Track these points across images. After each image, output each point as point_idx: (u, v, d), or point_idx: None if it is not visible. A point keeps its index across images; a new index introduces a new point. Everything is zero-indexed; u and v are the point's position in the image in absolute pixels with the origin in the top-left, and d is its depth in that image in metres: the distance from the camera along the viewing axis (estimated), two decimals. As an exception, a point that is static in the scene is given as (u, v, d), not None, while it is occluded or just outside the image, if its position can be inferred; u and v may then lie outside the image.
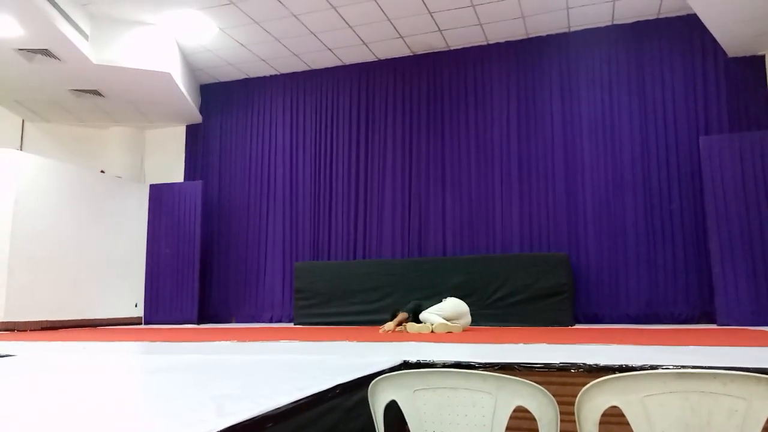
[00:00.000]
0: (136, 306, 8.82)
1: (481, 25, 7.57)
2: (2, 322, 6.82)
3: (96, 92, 8.24)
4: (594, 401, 1.41)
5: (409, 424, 1.61)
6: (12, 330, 6.82)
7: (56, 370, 2.59)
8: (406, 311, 5.88)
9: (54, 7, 6.42)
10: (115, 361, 3.07)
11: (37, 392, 1.85)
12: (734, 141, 6.53)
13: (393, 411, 1.63)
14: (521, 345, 3.76)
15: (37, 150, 8.50)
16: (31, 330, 6.99)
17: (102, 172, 9.00)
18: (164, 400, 1.68)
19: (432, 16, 7.34)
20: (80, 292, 7.96)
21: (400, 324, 5.79)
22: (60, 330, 7.08)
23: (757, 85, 6.96)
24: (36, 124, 9.24)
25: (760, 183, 6.36)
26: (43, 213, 7.53)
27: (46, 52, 7.03)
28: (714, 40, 6.93)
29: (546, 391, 1.45)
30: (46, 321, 7.35)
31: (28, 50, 7.01)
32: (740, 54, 7.02)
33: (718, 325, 6.29)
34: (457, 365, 2.59)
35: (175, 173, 9.53)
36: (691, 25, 7.14)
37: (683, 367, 2.31)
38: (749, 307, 6.17)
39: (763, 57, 6.99)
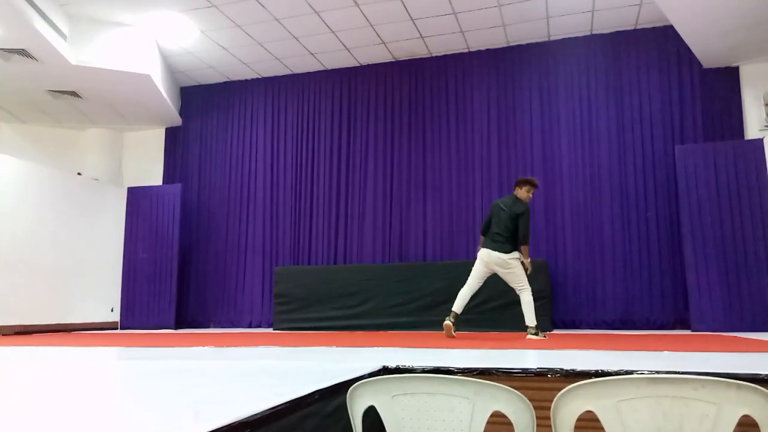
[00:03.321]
0: (112, 310, 8.70)
1: (462, 32, 7.63)
2: (-27, 327, 6.68)
3: (74, 93, 8.13)
4: (569, 406, 1.42)
5: (387, 430, 1.61)
6: (-16, 334, 6.68)
7: (29, 376, 2.55)
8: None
9: (31, 6, 6.33)
10: (90, 367, 3.03)
11: (7, 400, 1.82)
12: (708, 150, 6.67)
13: (372, 417, 1.63)
14: (499, 350, 3.79)
15: (12, 151, 8.34)
16: (4, 334, 6.85)
17: (79, 174, 8.87)
18: (141, 406, 1.66)
19: (414, 23, 7.38)
20: (55, 296, 7.83)
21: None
22: (34, 335, 6.95)
23: (731, 96, 7.12)
24: (12, 125, 9.08)
25: (733, 191, 6.50)
26: (18, 215, 7.39)
27: (23, 53, 6.93)
28: (690, 52, 7.08)
29: (522, 396, 1.47)
30: (20, 325, 7.21)
31: (5, 50, 6.90)
32: (715, 65, 7.18)
33: (692, 331, 6.40)
34: (436, 370, 2.61)
35: (154, 176, 9.44)
36: (667, 36, 7.28)
37: (657, 372, 2.35)
38: (722, 313, 6.29)
39: (737, 68, 7.15)
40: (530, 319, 5.26)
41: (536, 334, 5.19)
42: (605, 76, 7.62)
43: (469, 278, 5.50)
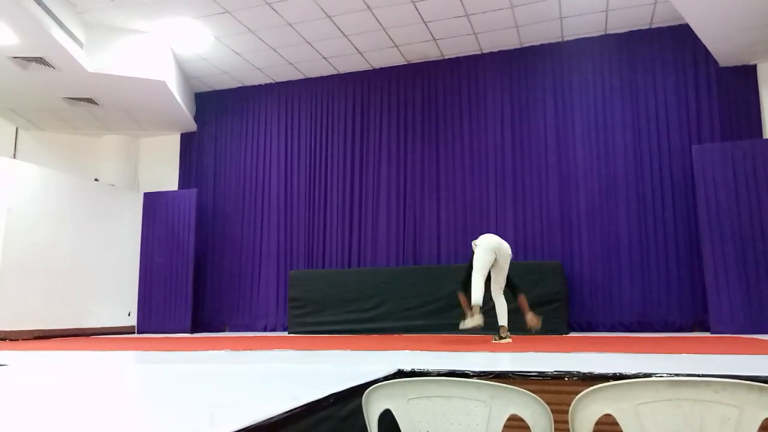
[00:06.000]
0: (129, 315, 8.77)
1: (475, 34, 7.61)
2: (-6, 331, 6.77)
3: (90, 100, 8.23)
4: (588, 409, 1.41)
5: (403, 433, 1.60)
6: (4, 339, 6.77)
7: (48, 380, 2.58)
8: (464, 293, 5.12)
9: (49, 15, 6.42)
10: (107, 370, 3.06)
11: (28, 403, 1.84)
12: (726, 149, 6.58)
13: (387, 420, 1.62)
14: (515, 353, 3.77)
15: (30, 158, 8.46)
16: (23, 339, 6.93)
17: (96, 180, 8.98)
18: (157, 409, 1.67)
19: (426, 26, 7.38)
20: (73, 301, 7.91)
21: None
22: (52, 339, 7.03)
23: (749, 94, 7.02)
24: (30, 132, 9.22)
25: (752, 191, 6.40)
26: (36, 221, 7.49)
27: (40, 60, 7.03)
28: (706, 50, 6.99)
29: (540, 399, 1.45)
30: (39, 330, 7.30)
31: (23, 58, 7.00)
32: (732, 63, 7.09)
33: (711, 333, 6.31)
34: (452, 374, 2.59)
35: (169, 181, 9.51)
36: (683, 35, 7.20)
37: (676, 375, 2.31)
38: (742, 315, 6.19)
39: (754, 66, 7.05)
40: (505, 320, 5.13)
41: (505, 337, 5.04)
42: (620, 76, 7.55)
43: (476, 267, 4.99)
